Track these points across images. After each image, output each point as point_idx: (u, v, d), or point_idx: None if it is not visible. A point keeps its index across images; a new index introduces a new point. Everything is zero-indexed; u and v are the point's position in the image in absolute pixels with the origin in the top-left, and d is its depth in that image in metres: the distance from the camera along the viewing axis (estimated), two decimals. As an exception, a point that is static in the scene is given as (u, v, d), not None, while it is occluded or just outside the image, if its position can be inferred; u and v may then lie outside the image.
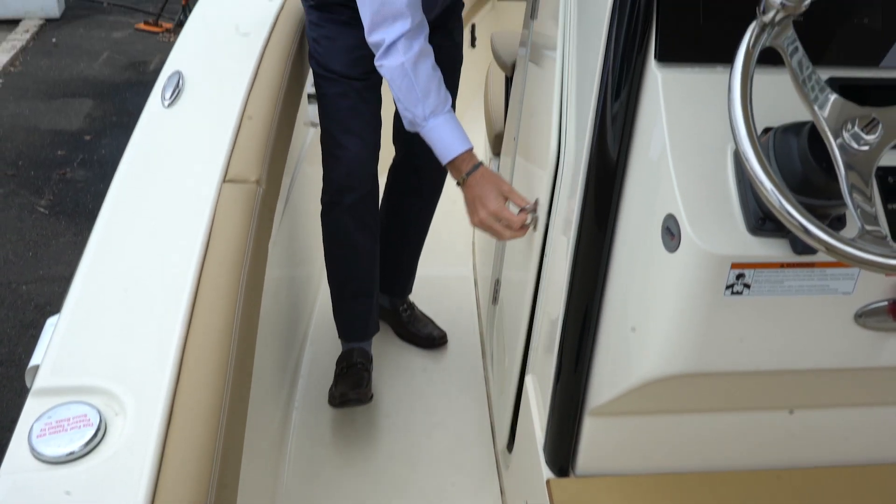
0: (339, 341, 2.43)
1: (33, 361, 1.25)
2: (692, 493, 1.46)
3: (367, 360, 2.39)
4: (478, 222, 1.79)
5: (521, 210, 1.72)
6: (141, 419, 1.12)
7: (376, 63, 1.79)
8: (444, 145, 1.81)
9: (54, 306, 3.44)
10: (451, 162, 1.80)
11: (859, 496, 1.47)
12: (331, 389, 2.35)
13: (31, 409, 1.13)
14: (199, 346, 1.21)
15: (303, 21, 2.20)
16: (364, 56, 1.91)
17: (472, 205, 1.80)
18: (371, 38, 1.77)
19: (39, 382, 1.17)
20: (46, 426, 1.10)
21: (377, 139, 2.15)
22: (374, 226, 2.26)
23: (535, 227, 1.70)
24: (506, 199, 1.77)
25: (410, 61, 1.74)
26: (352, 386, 2.28)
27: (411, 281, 2.66)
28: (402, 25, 1.72)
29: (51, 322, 1.29)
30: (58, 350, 1.21)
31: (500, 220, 1.75)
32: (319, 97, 2.11)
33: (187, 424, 1.13)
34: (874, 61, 1.25)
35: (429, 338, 2.63)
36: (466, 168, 1.79)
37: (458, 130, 1.82)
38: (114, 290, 1.31)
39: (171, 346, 1.20)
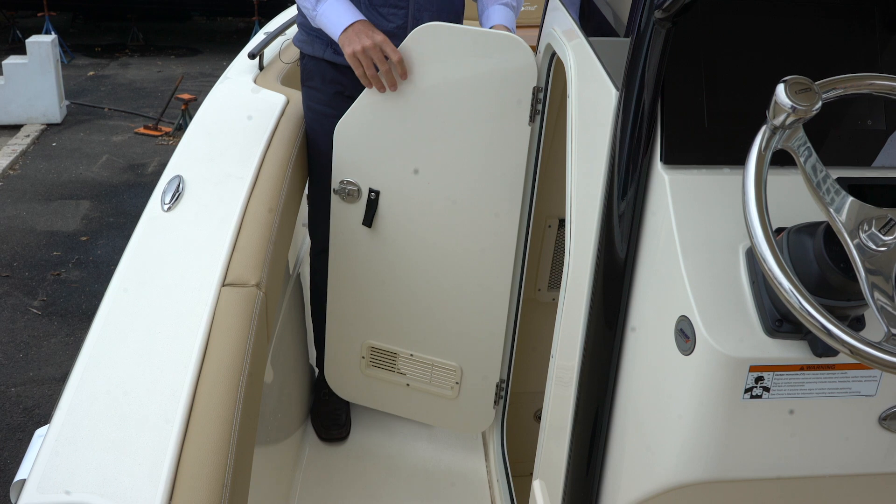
0: (334, 456, 2.44)
1: (19, 475, 1.18)
2: None
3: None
4: (359, 50, 1.90)
5: None
6: None
7: None
8: (334, 22, 1.96)
9: (43, 409, 3.36)
10: (342, 31, 1.95)
11: None
12: (314, 417, 2.54)
13: None
14: (195, 460, 1.15)
15: (303, 122, 2.23)
16: None
17: (354, 36, 1.92)
18: None
19: (24, 499, 1.11)
20: (30, 547, 1.03)
21: None
22: None
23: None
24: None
25: None
26: (334, 426, 2.51)
27: None
28: None
29: (39, 433, 1.23)
30: (45, 464, 1.15)
31: (385, 50, 1.89)
32: (310, 159, 2.28)
33: None
34: (867, 161, 1.26)
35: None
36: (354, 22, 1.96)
37: (347, 7, 1.98)
38: (106, 399, 1.26)
39: (165, 460, 1.15)
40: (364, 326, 2.31)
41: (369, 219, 2.14)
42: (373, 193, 2.11)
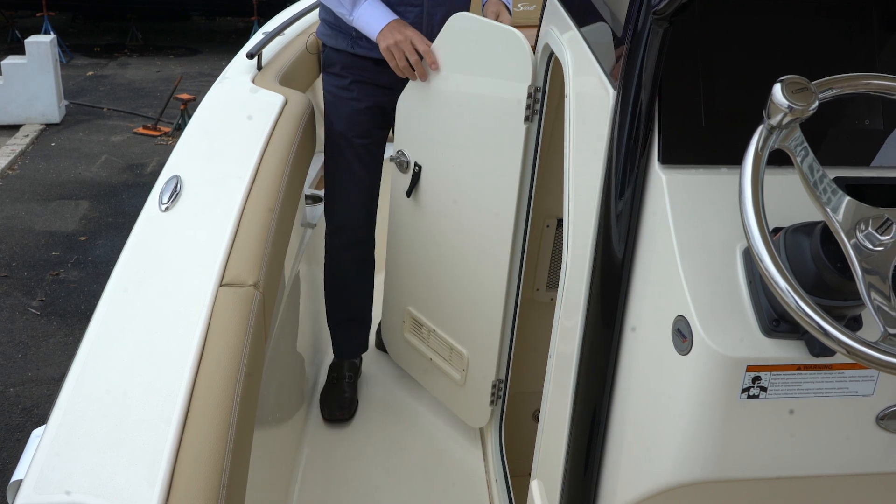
0: (332, 455, 2.45)
1: (16, 476, 1.18)
2: None
3: (355, 371, 2.67)
4: (392, 43, 2.08)
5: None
6: None
7: None
8: (371, 25, 2.14)
9: (42, 409, 3.36)
10: (379, 31, 2.12)
11: None
12: (322, 398, 2.61)
13: None
14: (192, 461, 1.15)
15: (302, 122, 2.23)
16: (362, 121, 2.30)
17: (388, 33, 2.10)
18: None
19: (21, 499, 1.10)
20: (27, 548, 1.03)
21: (374, 189, 2.47)
22: (369, 261, 2.58)
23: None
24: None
25: None
26: (338, 407, 2.57)
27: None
28: None
29: (36, 434, 1.23)
30: (42, 464, 1.15)
31: (415, 43, 2.06)
32: (326, 146, 2.42)
33: None
34: (866, 161, 1.26)
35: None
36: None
37: (381, 10, 2.14)
38: (103, 399, 1.26)
39: (162, 460, 1.15)
40: (406, 291, 2.47)
41: (409, 190, 2.28)
42: (417, 167, 2.26)
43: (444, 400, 2.50)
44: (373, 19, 2.14)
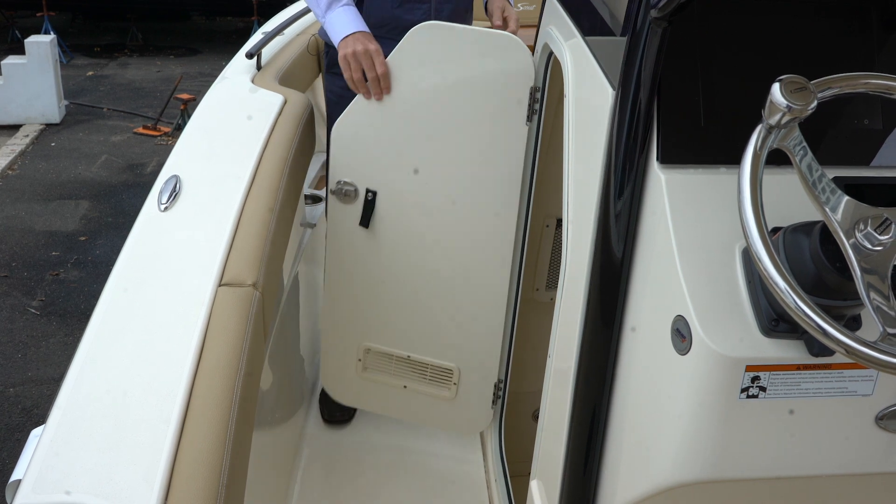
0: (331, 456, 2.45)
1: (15, 475, 1.18)
2: None
3: None
4: (350, 53, 2.02)
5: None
6: None
7: None
8: (338, 30, 2.09)
9: (42, 409, 3.36)
10: (343, 38, 2.07)
11: None
12: (321, 399, 2.61)
13: None
14: (191, 461, 1.15)
15: (301, 122, 2.23)
16: None
17: (351, 42, 2.04)
18: None
19: (20, 499, 1.11)
20: (26, 548, 1.03)
21: None
22: None
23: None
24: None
25: None
26: (338, 408, 2.57)
27: None
28: None
29: (35, 433, 1.23)
30: (41, 464, 1.15)
31: (374, 60, 1.99)
32: (327, 147, 2.35)
33: None
34: (865, 161, 1.26)
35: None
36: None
37: (352, 18, 2.10)
38: (103, 398, 1.26)
39: (161, 460, 1.15)
40: (361, 329, 2.31)
41: (366, 219, 2.15)
42: (370, 194, 2.12)
43: (430, 421, 2.42)
44: (341, 24, 2.09)
